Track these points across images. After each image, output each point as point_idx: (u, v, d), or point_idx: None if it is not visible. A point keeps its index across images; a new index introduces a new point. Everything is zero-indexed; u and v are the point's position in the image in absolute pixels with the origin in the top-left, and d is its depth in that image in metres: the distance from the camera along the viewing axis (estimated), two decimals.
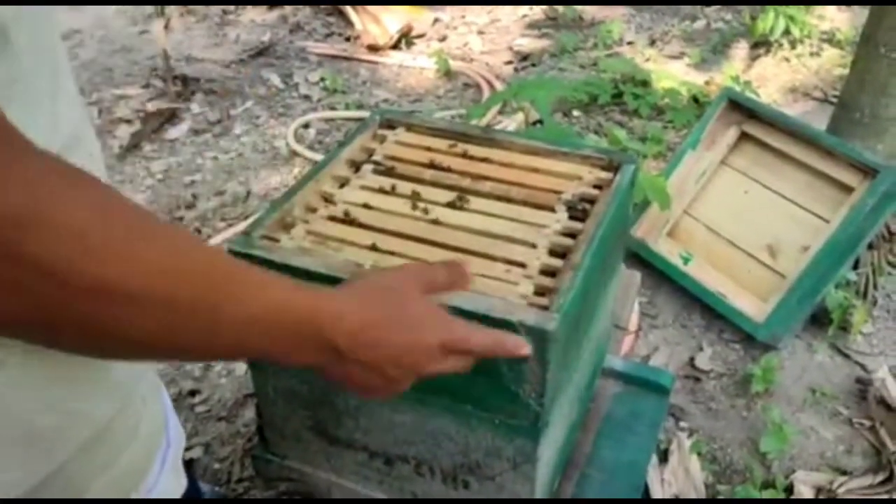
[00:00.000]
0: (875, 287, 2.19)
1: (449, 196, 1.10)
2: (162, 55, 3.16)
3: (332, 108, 3.19)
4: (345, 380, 0.70)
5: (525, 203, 1.09)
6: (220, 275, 0.56)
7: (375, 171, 1.15)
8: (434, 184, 1.13)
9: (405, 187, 1.12)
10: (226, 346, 0.59)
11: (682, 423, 1.90)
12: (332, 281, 0.92)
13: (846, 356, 2.06)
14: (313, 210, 1.07)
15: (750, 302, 2.09)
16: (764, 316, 2.04)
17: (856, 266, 2.15)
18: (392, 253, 0.99)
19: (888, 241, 2.29)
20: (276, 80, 3.40)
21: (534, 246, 1.00)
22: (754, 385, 1.94)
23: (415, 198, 1.09)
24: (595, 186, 1.11)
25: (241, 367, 2.03)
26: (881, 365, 2.00)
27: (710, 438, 1.86)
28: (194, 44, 3.70)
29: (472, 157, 1.18)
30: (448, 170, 1.15)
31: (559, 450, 1.10)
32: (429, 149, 1.20)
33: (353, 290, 0.71)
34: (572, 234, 1.03)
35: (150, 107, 3.10)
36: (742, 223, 2.19)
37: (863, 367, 2.03)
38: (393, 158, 1.18)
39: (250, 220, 2.52)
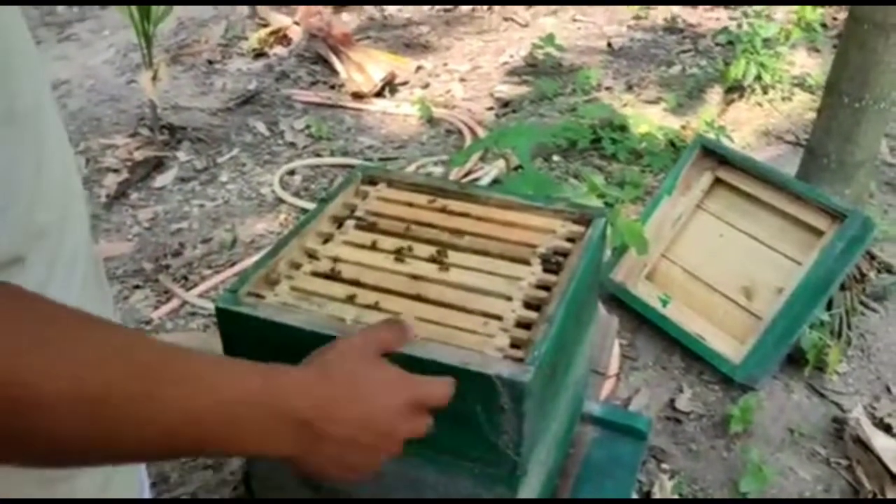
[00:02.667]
0: (849, 327, 2.24)
1: (429, 250, 1.14)
2: (149, 104, 3.22)
3: (318, 155, 3.25)
4: (322, 462, 0.67)
5: (501, 256, 1.13)
6: (159, 369, 0.54)
7: (358, 227, 1.20)
8: (414, 238, 1.17)
9: (387, 242, 1.16)
10: (175, 444, 0.55)
11: (664, 465, 1.93)
12: (316, 337, 0.96)
13: (822, 396, 2.10)
14: (297, 266, 1.10)
15: (728, 343, 2.14)
16: (741, 357, 2.09)
17: (829, 307, 2.21)
18: (374, 307, 1.03)
19: (860, 282, 2.35)
20: (261, 127, 3.46)
21: (509, 299, 1.05)
22: (733, 426, 1.97)
23: (396, 253, 1.13)
24: (568, 240, 1.16)
25: None
26: (856, 404, 2.04)
27: (692, 480, 1.89)
28: (181, 92, 3.76)
29: (450, 212, 1.23)
30: (428, 225, 1.20)
31: (538, 497, 1.13)
32: (409, 204, 1.25)
33: (309, 367, 0.70)
34: (547, 287, 1.07)
35: (138, 155, 3.15)
36: (718, 266, 2.24)
37: (839, 406, 2.07)
38: (375, 214, 1.22)
39: (236, 268, 2.55)
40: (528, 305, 1.04)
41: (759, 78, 3.50)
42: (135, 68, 3.91)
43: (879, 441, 1.88)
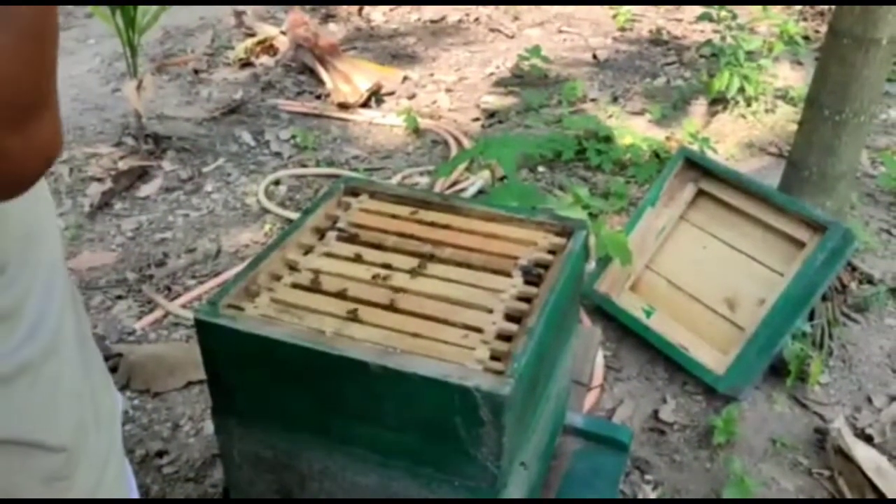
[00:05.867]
0: (830, 338, 2.26)
1: (411, 262, 1.14)
2: (134, 114, 3.21)
3: (303, 165, 3.24)
4: None
5: (483, 268, 1.14)
6: None
7: (340, 239, 1.20)
8: (396, 250, 1.17)
9: (368, 254, 1.16)
10: None
11: (647, 476, 1.92)
12: (295, 350, 0.96)
13: (805, 406, 2.11)
14: (278, 278, 1.10)
15: (711, 354, 2.15)
16: (724, 368, 2.09)
17: (811, 318, 2.22)
18: (354, 319, 1.02)
19: (841, 293, 2.37)
20: (247, 137, 3.45)
21: (490, 311, 1.05)
22: (716, 436, 1.98)
23: (377, 265, 1.13)
24: (550, 252, 1.16)
25: (209, 426, 2.03)
26: (838, 415, 2.05)
27: (675, 491, 1.89)
28: (166, 102, 3.75)
29: (432, 224, 1.23)
30: (410, 236, 1.20)
31: None
32: (392, 216, 1.25)
33: None
34: (527, 299, 1.08)
35: (122, 165, 3.13)
36: (701, 277, 2.26)
37: (821, 416, 2.08)
38: (357, 226, 1.22)
39: (220, 279, 2.54)
40: (508, 317, 1.04)
41: (742, 90, 3.53)
42: (120, 77, 3.89)
43: (860, 451, 1.89)
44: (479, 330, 1.01)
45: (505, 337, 1.01)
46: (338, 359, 0.94)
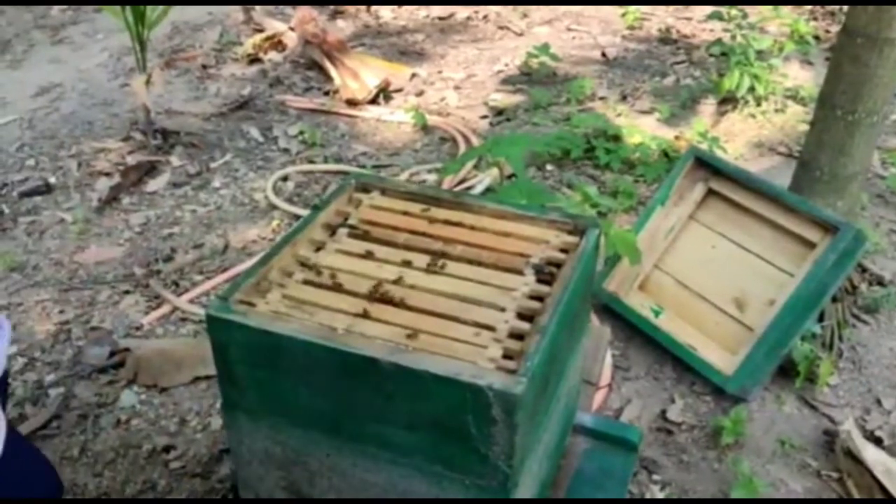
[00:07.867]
0: (840, 339, 2.24)
1: (422, 260, 1.14)
2: (142, 108, 3.21)
3: (311, 162, 3.24)
4: None
5: (495, 266, 1.13)
6: None
7: (351, 235, 1.19)
8: (407, 248, 1.17)
9: (379, 251, 1.15)
10: None
11: (655, 476, 1.92)
12: (307, 346, 0.95)
13: (813, 408, 2.10)
14: (289, 274, 1.10)
15: (719, 355, 2.14)
16: (733, 368, 2.08)
17: (821, 319, 2.21)
18: (366, 316, 1.02)
19: (851, 294, 2.35)
20: (255, 133, 3.45)
21: (502, 309, 1.04)
22: (724, 437, 1.97)
23: (389, 262, 1.13)
24: (561, 250, 1.16)
25: (217, 421, 2.03)
26: (847, 416, 2.04)
27: (683, 491, 1.88)
28: (175, 97, 3.75)
29: (444, 222, 1.22)
30: (421, 234, 1.19)
31: None
32: (403, 213, 1.24)
33: None
34: (540, 298, 1.07)
35: (130, 160, 3.13)
36: (710, 277, 2.25)
37: (830, 418, 2.07)
38: (368, 222, 1.22)
39: (228, 274, 2.54)
40: (521, 316, 1.04)
41: (752, 89, 3.52)
42: (128, 72, 3.89)
43: (870, 453, 1.88)
44: (491, 328, 1.01)
45: (517, 335, 1.00)
46: (349, 356, 0.94)
